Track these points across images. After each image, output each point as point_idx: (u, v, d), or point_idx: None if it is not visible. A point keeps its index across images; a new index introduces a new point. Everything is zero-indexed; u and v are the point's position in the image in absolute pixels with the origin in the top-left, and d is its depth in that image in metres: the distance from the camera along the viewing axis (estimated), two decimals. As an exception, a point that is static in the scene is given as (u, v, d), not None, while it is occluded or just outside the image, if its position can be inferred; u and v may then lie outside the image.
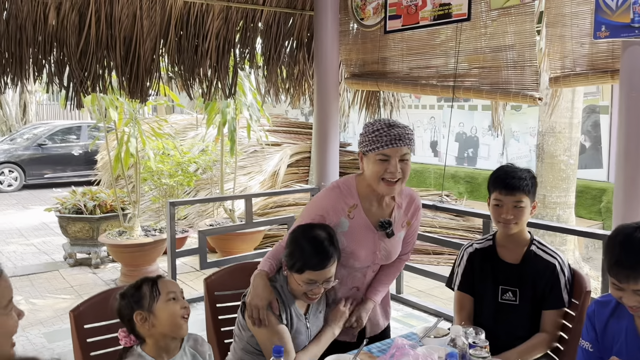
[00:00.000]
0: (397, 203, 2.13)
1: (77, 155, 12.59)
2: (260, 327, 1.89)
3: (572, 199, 5.68)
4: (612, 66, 3.04)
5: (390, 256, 2.15)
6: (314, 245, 1.88)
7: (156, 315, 1.64)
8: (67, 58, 4.06)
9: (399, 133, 1.95)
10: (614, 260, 1.59)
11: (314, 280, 1.88)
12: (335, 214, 2.07)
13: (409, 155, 2.00)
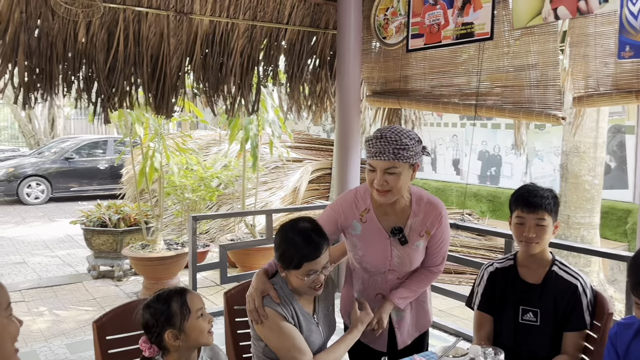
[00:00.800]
0: (413, 211, 2.14)
1: (103, 169, 12.82)
2: (260, 324, 1.91)
3: (597, 219, 5.59)
4: (637, 86, 3.01)
5: (406, 264, 2.14)
6: (304, 237, 1.91)
7: (187, 333, 1.68)
8: (95, 74, 4.16)
9: (382, 147, 1.98)
10: (637, 280, 1.57)
11: (313, 270, 1.91)
12: (347, 218, 2.14)
13: (396, 169, 2.00)
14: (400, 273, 2.18)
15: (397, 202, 2.11)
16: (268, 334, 1.92)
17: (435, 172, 10.20)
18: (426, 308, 2.35)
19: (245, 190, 6.45)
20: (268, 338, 1.93)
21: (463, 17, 3.91)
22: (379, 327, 2.13)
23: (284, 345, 1.89)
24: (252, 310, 1.94)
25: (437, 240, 2.19)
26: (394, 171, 2.00)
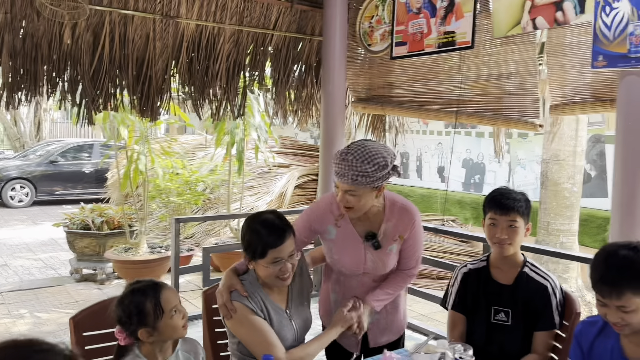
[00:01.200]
0: (386, 216, 2.18)
1: (88, 172, 12.76)
2: (229, 319, 1.95)
3: (576, 226, 5.68)
4: (611, 95, 3.09)
5: (380, 268, 2.20)
6: (267, 226, 1.96)
7: (160, 331, 1.71)
8: (80, 76, 4.18)
9: (342, 169, 2.01)
10: (598, 276, 1.63)
11: (279, 258, 1.94)
12: (322, 223, 2.19)
13: (355, 192, 2.03)
14: (375, 276, 2.23)
15: (371, 208, 2.15)
16: (238, 328, 1.96)
17: (420, 180, 10.29)
18: (400, 311, 2.39)
19: (230, 194, 6.48)
20: (239, 332, 1.96)
21: (445, 26, 3.98)
22: (360, 331, 2.15)
23: (254, 339, 1.92)
24: (221, 306, 1.99)
25: (411, 245, 2.24)
26: (354, 194, 2.04)
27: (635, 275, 1.59)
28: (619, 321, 1.62)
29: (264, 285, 2.03)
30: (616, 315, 1.62)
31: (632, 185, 2.80)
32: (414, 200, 9.91)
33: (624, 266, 1.60)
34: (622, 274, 1.59)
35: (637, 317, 1.61)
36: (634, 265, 1.59)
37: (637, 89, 2.69)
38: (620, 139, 2.78)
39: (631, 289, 1.58)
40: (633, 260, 1.60)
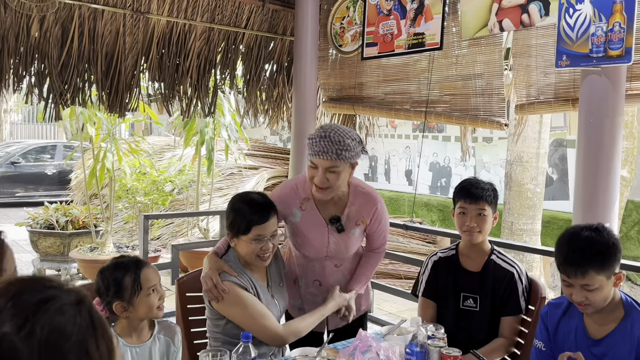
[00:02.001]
0: (350, 201, 2.24)
1: (51, 174, 12.47)
2: (221, 300, 1.95)
3: (538, 226, 5.85)
4: (574, 95, 3.22)
5: (342, 250, 2.25)
6: (252, 204, 2.01)
7: (135, 307, 1.71)
8: (48, 70, 4.11)
9: (325, 146, 2.05)
10: (562, 257, 1.71)
11: (261, 236, 1.98)
12: (287, 206, 2.23)
13: (337, 168, 2.09)
14: (337, 260, 2.28)
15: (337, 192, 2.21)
16: (231, 307, 1.97)
17: (388, 183, 10.41)
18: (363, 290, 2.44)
19: (199, 195, 6.43)
20: (231, 311, 1.97)
21: (415, 27, 4.07)
22: (349, 313, 2.24)
23: (249, 315, 1.95)
24: (211, 288, 1.98)
25: (377, 228, 2.32)
26: (335, 170, 2.09)
27: (597, 254, 1.67)
28: (584, 300, 1.69)
29: (245, 265, 2.05)
30: (581, 294, 1.69)
31: (593, 182, 2.91)
32: (382, 203, 10.01)
33: (587, 246, 1.68)
34: (584, 253, 1.67)
35: (600, 296, 1.69)
36: (596, 245, 1.68)
37: (599, 88, 2.80)
38: (582, 135, 2.89)
39: (594, 267, 1.66)
40: (594, 240, 1.68)
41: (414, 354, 1.65)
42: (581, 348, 1.77)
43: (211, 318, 2.06)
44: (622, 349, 1.71)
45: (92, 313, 0.70)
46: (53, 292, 0.68)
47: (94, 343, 0.67)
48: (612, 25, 2.66)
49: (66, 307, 0.67)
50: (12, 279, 0.69)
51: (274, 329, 1.97)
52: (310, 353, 1.71)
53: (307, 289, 2.27)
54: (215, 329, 2.06)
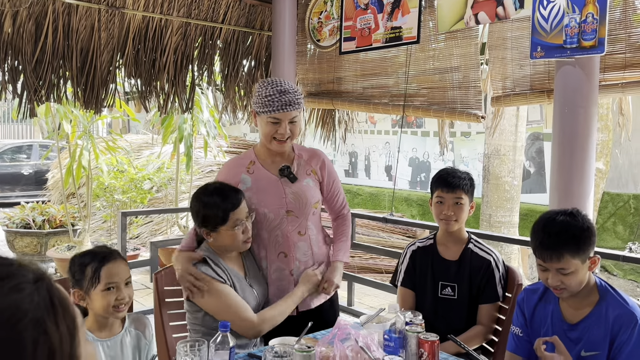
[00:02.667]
0: (296, 154, 2.31)
1: (27, 174, 12.26)
2: (205, 297, 1.95)
3: (516, 218, 5.92)
4: (548, 86, 3.26)
5: (302, 200, 2.24)
6: (219, 194, 2.04)
7: (91, 299, 1.69)
8: (22, 66, 4.04)
9: (290, 99, 2.13)
10: (538, 241, 1.74)
11: (240, 220, 2.01)
12: (234, 176, 2.25)
13: (298, 117, 2.21)
14: (299, 218, 2.24)
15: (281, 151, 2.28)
16: (206, 299, 1.97)
17: (368, 179, 10.44)
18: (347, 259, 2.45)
19: (178, 192, 6.38)
20: (206, 303, 1.97)
21: (392, 21, 4.08)
22: (328, 285, 2.24)
23: (224, 306, 1.95)
24: (190, 286, 1.98)
25: (332, 184, 2.36)
26: (296, 119, 2.19)
27: (572, 238, 1.70)
28: (559, 284, 1.72)
29: (220, 256, 2.05)
30: (556, 278, 1.72)
31: (568, 172, 2.95)
32: (363, 199, 10.05)
33: (562, 230, 1.71)
34: (560, 237, 1.70)
35: (575, 280, 1.72)
36: (571, 229, 1.71)
37: (573, 78, 2.84)
38: (557, 126, 2.93)
39: (569, 251, 1.69)
40: (569, 224, 1.72)
41: (392, 340, 1.67)
42: (557, 332, 1.80)
43: (190, 310, 2.05)
44: (597, 332, 1.74)
45: (52, 292, 0.67)
46: (10, 270, 0.66)
47: (54, 322, 0.65)
48: (585, 17, 2.70)
49: (23, 285, 0.65)
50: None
51: (249, 320, 1.97)
52: (290, 342, 1.71)
53: (272, 265, 2.22)
54: (194, 321, 2.05)
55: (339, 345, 1.60)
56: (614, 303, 1.74)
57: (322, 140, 5.30)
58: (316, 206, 2.28)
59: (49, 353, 0.63)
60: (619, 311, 1.72)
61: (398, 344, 1.67)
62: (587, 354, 1.75)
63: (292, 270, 2.23)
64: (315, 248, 2.28)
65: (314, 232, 2.28)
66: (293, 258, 2.23)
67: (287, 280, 2.22)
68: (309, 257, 2.26)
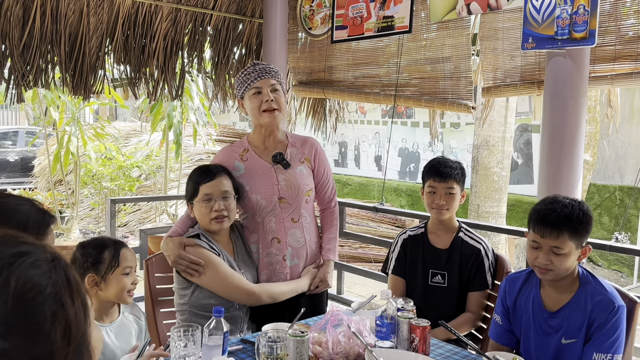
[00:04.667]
0: (290, 142, 2.34)
1: (13, 161, 12.12)
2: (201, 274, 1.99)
3: (504, 209, 5.97)
4: (539, 77, 3.28)
5: (294, 187, 2.26)
6: (202, 168, 2.14)
7: (107, 284, 1.70)
8: (9, 51, 3.98)
9: (263, 68, 2.23)
10: (540, 216, 1.75)
11: (209, 194, 2.05)
12: (227, 163, 2.28)
13: (278, 85, 2.26)
14: (292, 205, 2.26)
15: (274, 137, 2.31)
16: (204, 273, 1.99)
17: (358, 169, 10.47)
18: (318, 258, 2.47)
19: (167, 180, 6.35)
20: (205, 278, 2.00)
21: (384, 10, 4.07)
22: (323, 286, 2.31)
23: (221, 275, 1.99)
24: (187, 268, 2.00)
25: (323, 172, 2.38)
26: (277, 87, 2.24)
27: (575, 220, 1.72)
28: (548, 264, 1.73)
29: (211, 235, 2.08)
30: (547, 257, 1.73)
31: (557, 161, 2.98)
32: (352, 189, 10.07)
33: (565, 209, 1.73)
34: (564, 216, 1.72)
35: (565, 263, 1.73)
36: (575, 211, 1.73)
37: (563, 69, 2.86)
38: (547, 116, 2.96)
39: (569, 231, 1.71)
40: (574, 207, 1.74)
41: (384, 325, 1.68)
42: (538, 320, 1.82)
43: (179, 288, 2.07)
44: (576, 319, 1.76)
45: (67, 271, 0.69)
46: (27, 248, 0.68)
47: (70, 298, 0.67)
48: (576, 8, 2.72)
49: (41, 262, 0.67)
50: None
51: (248, 286, 2.04)
52: (283, 328, 1.72)
53: (265, 250, 2.24)
54: (181, 300, 2.06)
55: (331, 330, 1.61)
56: (594, 291, 1.76)
57: (313, 130, 5.30)
58: (309, 194, 2.30)
59: (66, 327, 0.65)
60: (599, 298, 1.74)
61: (390, 330, 1.69)
62: (567, 342, 1.77)
63: (285, 256, 2.25)
64: (308, 235, 2.31)
65: (307, 220, 2.29)
66: (286, 244, 2.25)
67: (280, 265, 2.24)
68: (302, 244, 2.29)
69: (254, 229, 2.27)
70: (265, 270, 2.24)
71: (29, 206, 1.28)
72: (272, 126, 2.27)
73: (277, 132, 2.31)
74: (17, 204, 1.29)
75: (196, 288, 2.03)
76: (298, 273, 2.29)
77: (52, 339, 0.64)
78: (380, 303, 1.81)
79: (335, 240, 2.38)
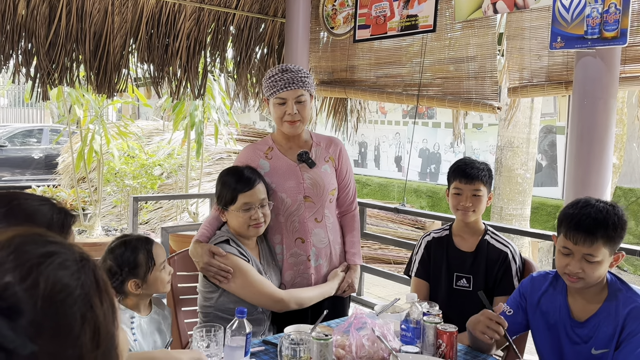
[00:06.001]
0: (314, 142, 2.33)
1: (37, 158, 12.31)
2: (230, 281, 1.98)
3: (528, 211, 5.88)
4: (567, 78, 3.21)
5: (319, 186, 2.25)
6: (236, 174, 2.08)
7: (149, 283, 1.72)
8: (35, 49, 4.03)
9: (292, 77, 2.17)
10: (574, 222, 1.67)
11: (249, 204, 2.03)
12: (252, 162, 2.27)
13: (305, 97, 2.20)
14: (316, 204, 2.25)
15: (299, 137, 2.29)
16: (233, 279, 1.98)
17: (378, 169, 10.41)
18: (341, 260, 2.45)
19: (188, 179, 6.38)
20: (234, 283, 1.99)
21: (408, 9, 4.03)
22: (350, 290, 2.31)
23: (250, 281, 1.98)
24: (216, 274, 1.99)
25: (345, 172, 2.37)
26: (302, 99, 2.19)
27: (609, 226, 1.65)
28: (579, 272, 1.66)
29: (239, 239, 2.06)
30: (578, 265, 1.66)
31: (585, 164, 2.91)
32: (372, 189, 10.02)
33: (601, 215, 1.66)
34: (598, 222, 1.65)
35: (598, 271, 1.66)
36: (610, 217, 1.66)
37: (593, 70, 2.79)
38: (575, 117, 2.89)
39: (604, 238, 1.64)
40: (609, 211, 1.67)
41: (409, 329, 1.65)
42: (565, 328, 1.76)
43: (204, 291, 2.06)
44: (606, 329, 1.69)
45: (96, 272, 0.69)
46: (56, 247, 0.66)
47: (98, 299, 0.66)
48: (607, 7, 2.65)
49: (69, 263, 0.66)
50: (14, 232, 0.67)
51: (276, 293, 2.03)
52: (305, 330, 1.70)
53: (289, 250, 2.23)
54: (206, 303, 2.06)
55: (355, 334, 1.59)
56: (626, 299, 1.69)
57: (334, 130, 5.27)
58: (333, 193, 2.29)
59: (95, 329, 0.65)
60: (632, 306, 1.67)
61: (415, 334, 1.65)
62: (598, 352, 1.71)
63: (309, 256, 2.24)
64: (332, 235, 2.29)
65: (330, 220, 2.28)
66: (310, 244, 2.24)
67: (304, 265, 2.24)
68: (326, 244, 2.28)
69: (277, 229, 2.25)
70: (289, 271, 2.22)
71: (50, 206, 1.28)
72: (294, 135, 2.28)
73: (301, 134, 2.31)
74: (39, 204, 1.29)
75: (223, 292, 2.03)
76: (322, 273, 2.28)
77: (81, 341, 0.63)
78: (404, 306, 1.78)
79: (358, 244, 2.37)
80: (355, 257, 2.34)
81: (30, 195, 1.36)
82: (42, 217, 1.26)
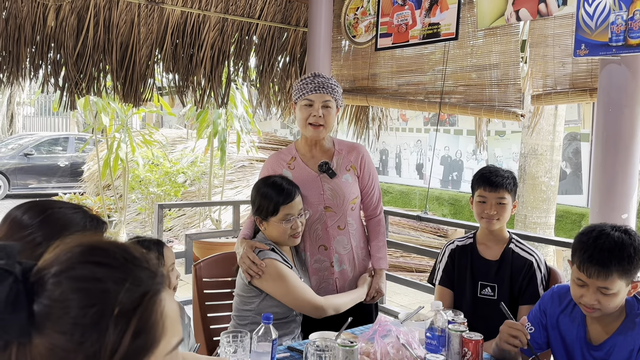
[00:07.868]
0: (336, 150, 2.36)
1: (63, 166, 12.55)
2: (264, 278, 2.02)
3: (552, 220, 5.80)
4: (591, 85, 3.19)
5: (340, 196, 2.29)
6: (276, 186, 2.12)
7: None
8: (63, 59, 4.13)
9: (322, 82, 2.25)
10: (587, 255, 1.61)
11: (290, 214, 2.08)
12: (275, 171, 2.32)
13: (332, 103, 2.26)
14: (337, 213, 2.29)
15: (321, 145, 2.33)
16: (274, 282, 2.04)
17: (399, 177, 10.38)
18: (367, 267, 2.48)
19: (211, 186, 6.45)
20: (274, 286, 2.04)
21: (430, 17, 4.04)
22: (378, 295, 2.35)
23: (292, 287, 2.02)
24: (250, 266, 2.04)
25: (368, 179, 2.39)
26: (329, 105, 2.24)
27: (625, 257, 1.58)
28: (595, 304, 1.61)
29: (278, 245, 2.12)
30: (594, 297, 1.61)
31: (611, 172, 2.88)
32: (393, 196, 10.00)
33: (615, 247, 1.59)
34: (613, 254, 1.58)
35: (614, 302, 1.61)
36: (625, 248, 1.59)
37: (618, 77, 2.77)
38: (601, 125, 2.87)
39: (618, 271, 1.58)
40: (624, 242, 1.59)
41: (434, 337, 1.65)
42: (582, 351, 1.73)
43: (245, 296, 2.10)
44: (623, 350, 1.65)
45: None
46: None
47: None
48: (632, 14, 2.63)
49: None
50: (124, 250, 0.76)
51: (315, 300, 2.07)
52: (329, 337, 1.71)
53: (313, 257, 2.29)
54: (245, 307, 2.09)
55: (379, 341, 1.60)
56: None
57: (356, 137, 5.29)
58: (354, 202, 2.31)
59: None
60: None
61: (440, 343, 1.66)
62: None
63: (333, 262, 2.28)
64: (355, 242, 2.32)
65: (353, 227, 2.31)
66: (333, 251, 2.29)
67: (328, 272, 2.28)
68: (349, 251, 2.31)
69: (301, 236, 2.29)
70: (314, 276, 2.27)
71: (83, 214, 1.31)
72: (316, 138, 2.31)
73: (323, 142, 2.34)
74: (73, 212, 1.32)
75: (265, 297, 2.07)
76: (346, 278, 2.32)
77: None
78: (428, 314, 1.79)
79: (384, 249, 2.39)
80: (381, 261, 2.37)
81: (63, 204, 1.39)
82: (76, 226, 1.30)
